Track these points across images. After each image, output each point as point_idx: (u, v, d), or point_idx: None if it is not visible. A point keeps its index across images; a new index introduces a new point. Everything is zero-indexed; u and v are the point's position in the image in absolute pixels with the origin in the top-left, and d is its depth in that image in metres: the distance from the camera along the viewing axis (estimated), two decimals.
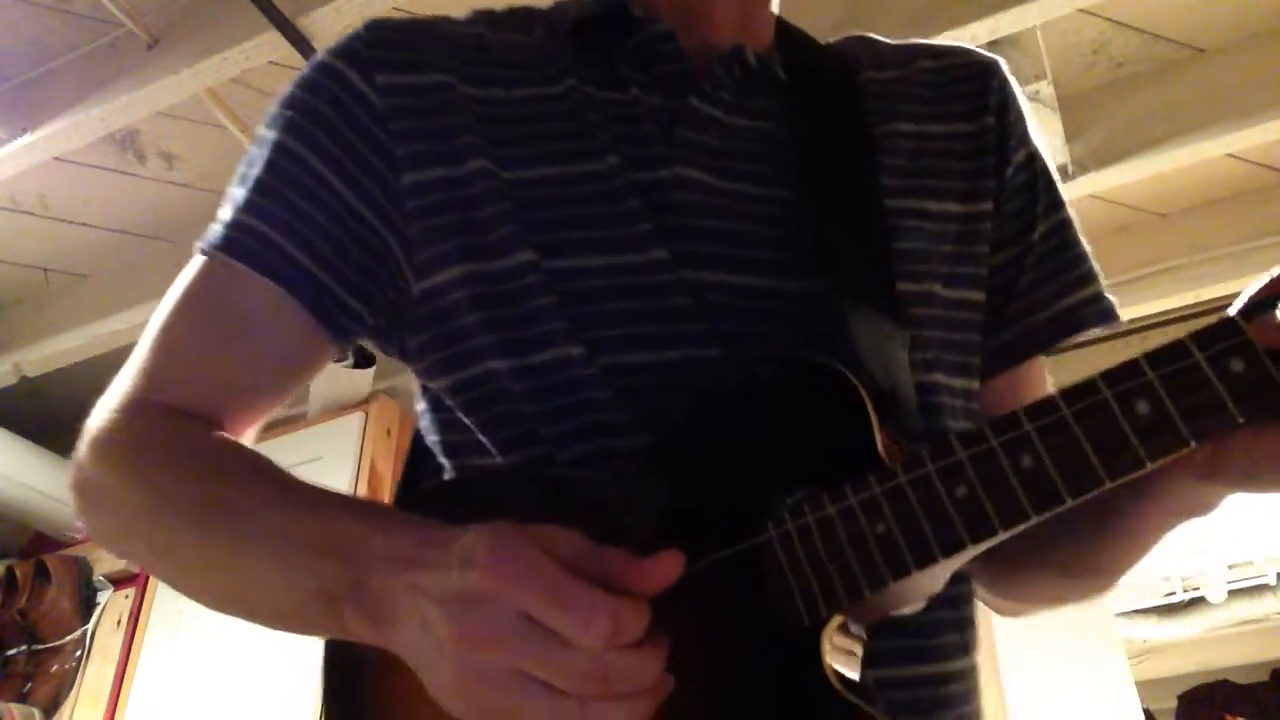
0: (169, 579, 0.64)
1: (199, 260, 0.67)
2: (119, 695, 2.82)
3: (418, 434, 0.73)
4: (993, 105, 0.75)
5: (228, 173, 0.70)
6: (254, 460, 0.61)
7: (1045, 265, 0.72)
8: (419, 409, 0.72)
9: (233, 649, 2.51)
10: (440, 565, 0.46)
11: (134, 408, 0.63)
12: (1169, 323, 2.80)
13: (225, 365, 0.65)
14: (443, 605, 0.45)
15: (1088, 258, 0.74)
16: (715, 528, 0.52)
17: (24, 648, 3.08)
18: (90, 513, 0.63)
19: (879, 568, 0.48)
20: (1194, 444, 0.44)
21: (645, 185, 0.65)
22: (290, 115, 0.68)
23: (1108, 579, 0.67)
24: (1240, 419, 0.43)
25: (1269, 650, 5.42)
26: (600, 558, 0.46)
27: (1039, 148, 0.76)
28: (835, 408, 0.53)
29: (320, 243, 0.64)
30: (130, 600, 2.92)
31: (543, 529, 0.46)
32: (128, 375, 0.65)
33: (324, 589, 0.51)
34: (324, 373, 2.94)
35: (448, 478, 0.68)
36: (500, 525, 0.47)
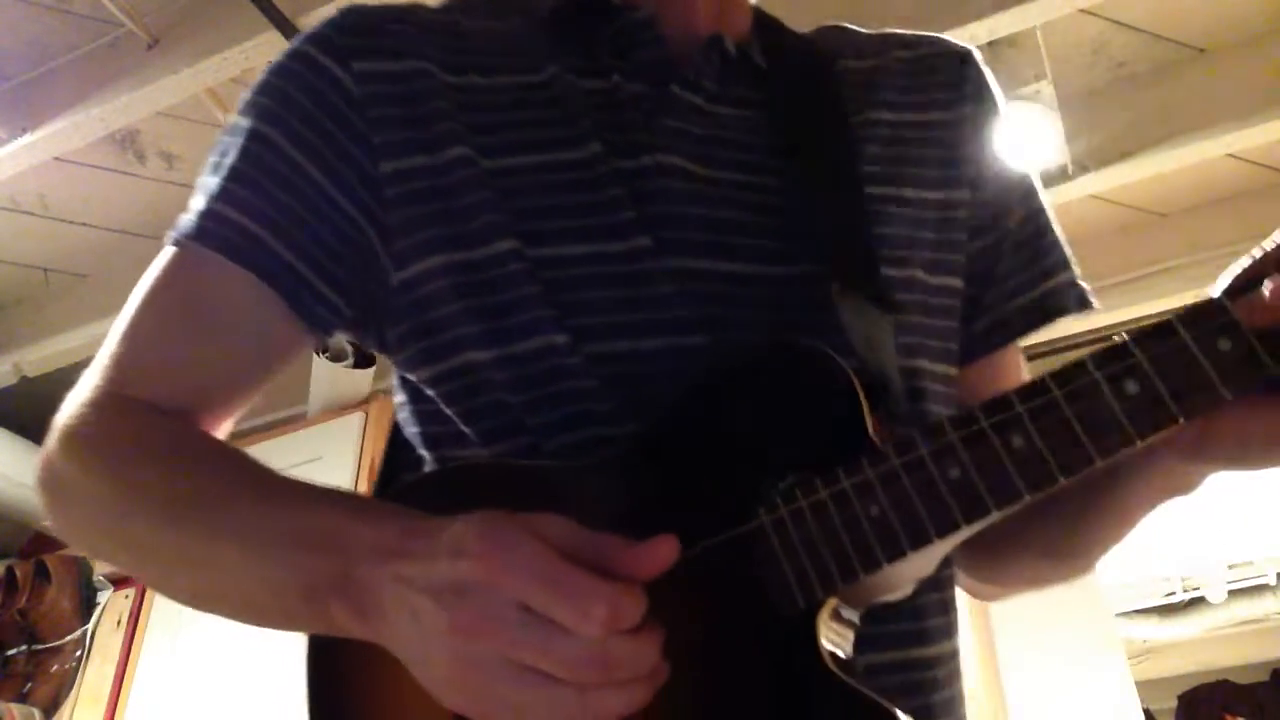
0: (144, 576, 0.63)
1: (170, 251, 0.66)
2: (119, 695, 2.82)
3: (396, 427, 0.72)
4: (968, 94, 0.75)
5: None
6: (230, 454, 0.60)
7: (1022, 252, 0.73)
8: (397, 401, 0.71)
9: (233, 649, 2.51)
10: (429, 555, 0.46)
11: (105, 402, 0.62)
12: None
13: (198, 358, 0.64)
14: (434, 595, 0.44)
15: (1062, 244, 0.75)
16: (707, 514, 0.52)
17: (24, 648, 3.08)
18: (59, 509, 0.61)
19: (873, 550, 0.48)
20: (1183, 422, 0.44)
21: (628, 173, 0.64)
22: (265, 102, 0.66)
23: (1089, 560, 0.67)
24: (1228, 396, 0.44)
25: (1269, 650, 5.43)
26: (595, 544, 0.45)
27: (1012, 136, 0.77)
28: (825, 392, 0.53)
29: (297, 232, 0.63)
30: (130, 600, 2.92)
31: (535, 516, 0.46)
32: (97, 369, 0.64)
33: (307, 583, 0.50)
34: (324, 373, 2.95)
35: (430, 469, 0.66)
36: (491, 513, 0.46)
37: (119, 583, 3.01)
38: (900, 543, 0.48)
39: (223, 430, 0.67)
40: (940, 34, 0.79)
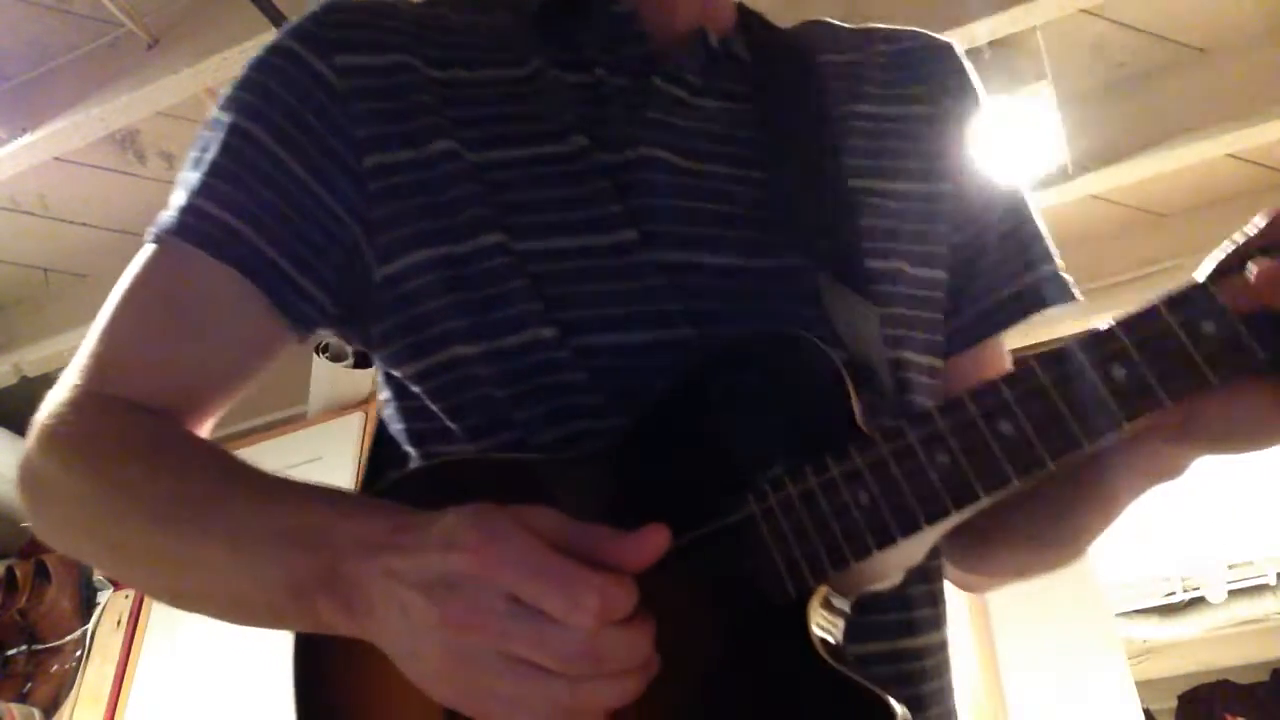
0: (126, 576, 0.62)
1: (150, 248, 0.65)
2: (119, 695, 2.82)
3: (381, 424, 0.71)
4: (950, 87, 0.76)
5: None
6: (213, 452, 0.60)
7: (1005, 244, 0.73)
8: (382, 398, 0.70)
9: (233, 649, 2.51)
10: (418, 549, 0.45)
11: (85, 401, 0.61)
12: None
13: (179, 356, 0.63)
14: (424, 589, 0.44)
15: (1044, 236, 0.75)
16: (697, 504, 0.52)
17: (24, 648, 3.08)
18: (40, 509, 0.60)
19: (863, 537, 0.48)
20: (1169, 406, 0.45)
21: (613, 166, 0.64)
22: (245, 97, 0.66)
23: (1077, 547, 0.67)
24: (1214, 380, 0.44)
25: (1269, 650, 5.43)
26: (585, 535, 0.45)
27: (992, 128, 0.77)
28: (813, 381, 0.53)
29: (279, 227, 0.62)
30: (130, 600, 2.92)
31: (525, 509, 0.45)
32: (77, 368, 0.63)
33: (294, 580, 0.50)
34: (324, 373, 2.95)
35: (416, 465, 0.66)
36: (480, 506, 0.46)
37: (119, 583, 3.01)
38: (890, 530, 0.48)
39: (206, 428, 0.66)
40: (940, 33, 0.80)
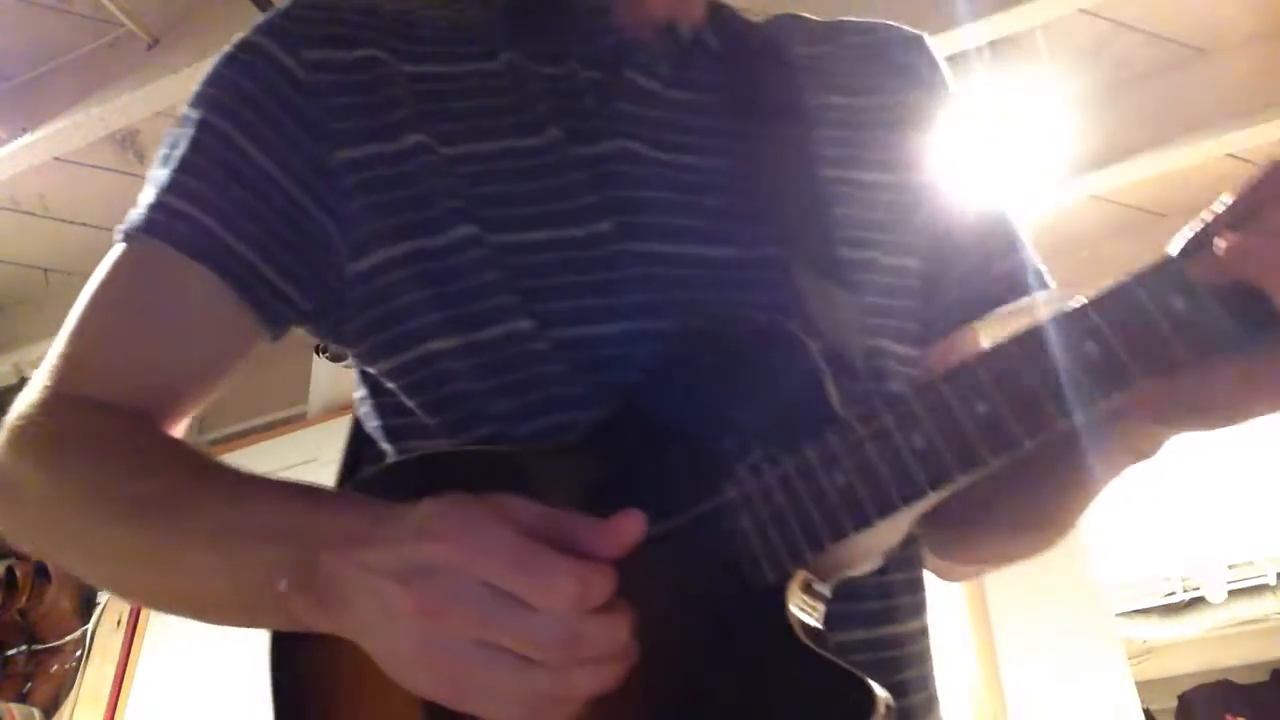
0: (98, 578, 0.61)
1: (119, 247, 0.64)
2: (119, 695, 2.82)
3: (357, 422, 0.71)
4: (920, 77, 0.77)
5: None
6: (185, 451, 0.59)
7: (980, 233, 0.74)
8: (358, 396, 0.70)
9: (232, 649, 2.51)
10: (392, 540, 0.45)
11: (55, 402, 0.61)
12: None
13: (150, 354, 0.63)
14: (399, 579, 0.44)
15: (1018, 224, 0.75)
16: (675, 492, 0.52)
17: (24, 648, 3.08)
18: (9, 510, 0.60)
19: (840, 520, 0.48)
20: (1142, 381, 0.45)
21: (587, 159, 0.64)
22: (214, 93, 0.65)
23: (1056, 530, 0.67)
24: (1185, 355, 0.44)
25: (1269, 650, 5.43)
26: (561, 523, 0.45)
27: (965, 118, 0.78)
28: (788, 367, 0.53)
29: (249, 223, 0.62)
30: None
31: (500, 497, 0.45)
32: (48, 369, 0.62)
33: (268, 576, 0.49)
34: (324, 373, 2.95)
35: (392, 461, 0.65)
36: (455, 496, 0.45)
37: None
38: (867, 512, 0.48)
39: (180, 427, 0.66)
40: (940, 33, 0.80)
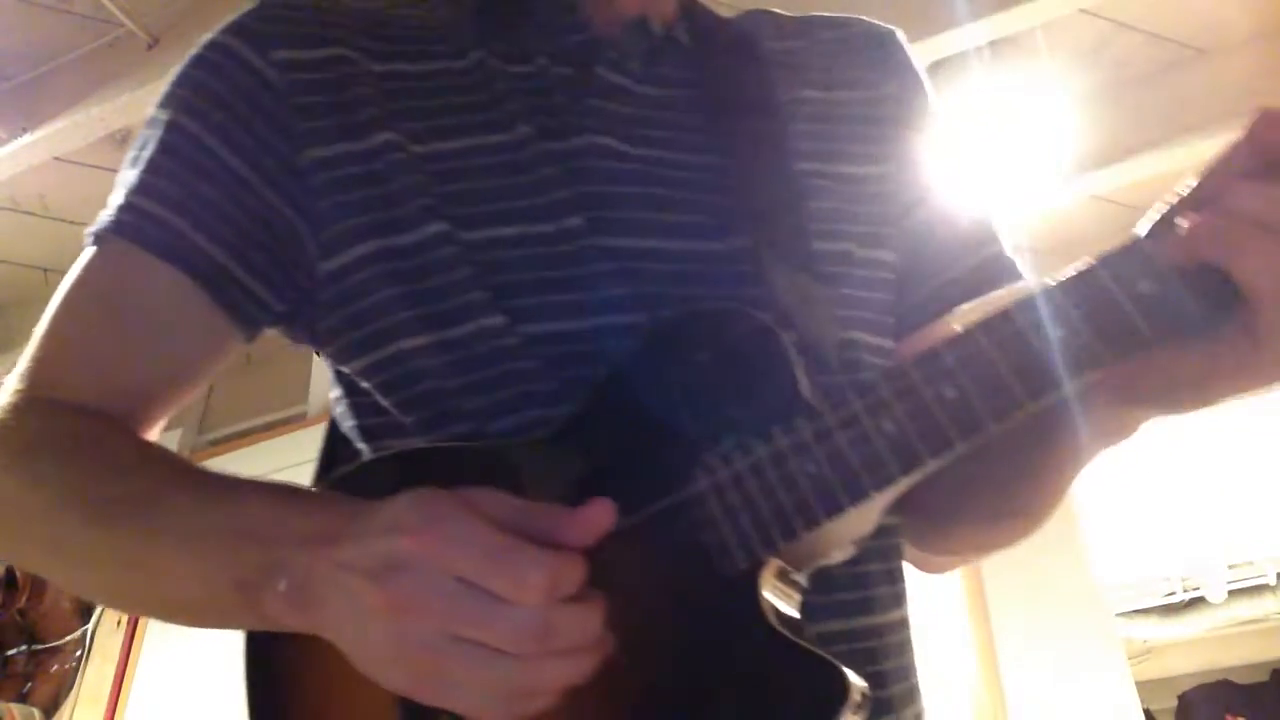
0: (71, 582, 0.61)
1: (90, 250, 0.64)
2: (119, 695, 2.82)
3: (333, 423, 0.71)
4: (893, 71, 0.77)
5: None
6: (157, 452, 0.59)
7: (953, 225, 0.74)
8: (333, 396, 0.70)
9: (232, 649, 2.51)
10: (363, 536, 0.45)
11: (27, 406, 0.60)
12: None
13: (122, 357, 0.62)
14: (369, 575, 0.44)
15: (990, 217, 0.75)
16: (647, 482, 0.52)
17: (24, 648, 3.08)
18: None
19: (812, 507, 0.48)
20: (1109, 364, 0.45)
21: (558, 154, 0.64)
22: (183, 94, 0.65)
23: (1034, 518, 0.67)
24: (1151, 337, 0.44)
25: (1269, 650, 5.43)
26: (530, 514, 0.45)
27: (937, 112, 0.78)
28: (758, 355, 0.53)
29: (219, 223, 0.62)
30: None
31: (470, 491, 0.45)
32: (19, 373, 0.62)
33: (241, 576, 0.49)
34: (324, 373, 2.94)
35: (366, 459, 0.65)
36: (424, 490, 0.45)
37: None
38: (838, 498, 0.48)
39: (155, 431, 0.65)
40: (939, 33, 0.80)
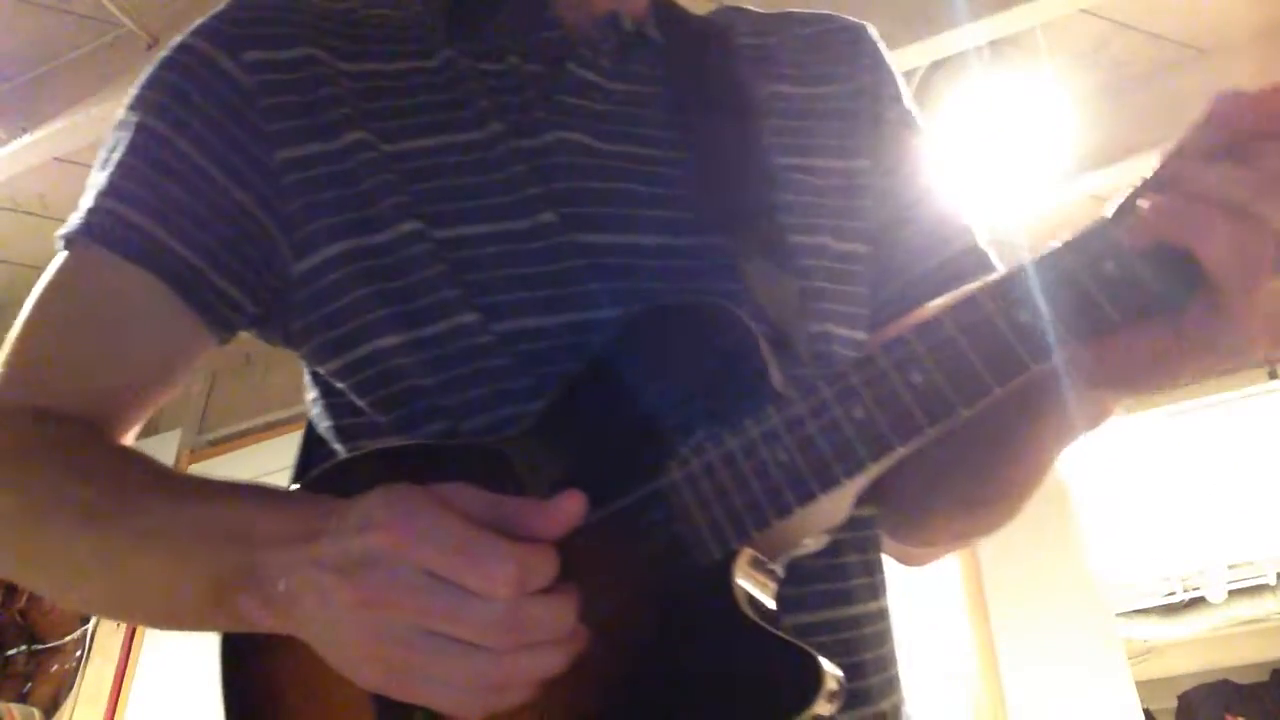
0: (45, 587, 0.61)
1: (61, 254, 0.64)
2: (119, 695, 2.82)
3: (310, 424, 0.71)
4: (865, 66, 0.77)
5: None
6: (131, 457, 0.59)
7: (925, 219, 0.74)
8: (309, 397, 0.69)
9: None
10: (336, 533, 0.45)
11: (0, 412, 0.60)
12: None
13: (94, 361, 0.62)
14: (340, 571, 0.44)
15: (963, 210, 0.75)
16: (620, 475, 0.52)
17: (24, 648, 3.08)
18: None
19: (783, 495, 0.48)
20: (1076, 346, 0.45)
21: (529, 151, 0.64)
22: (152, 96, 0.65)
23: (1009, 506, 0.66)
24: (1115, 318, 0.44)
25: (1269, 650, 5.42)
26: (501, 507, 0.45)
27: (911, 106, 0.78)
28: (729, 347, 0.53)
29: (190, 225, 0.61)
30: None
31: (441, 485, 0.45)
32: None
33: (214, 578, 0.49)
34: None
35: (341, 458, 0.65)
36: (395, 486, 0.46)
37: None
38: (809, 486, 0.48)
39: (130, 435, 0.65)
40: (940, 33, 0.80)
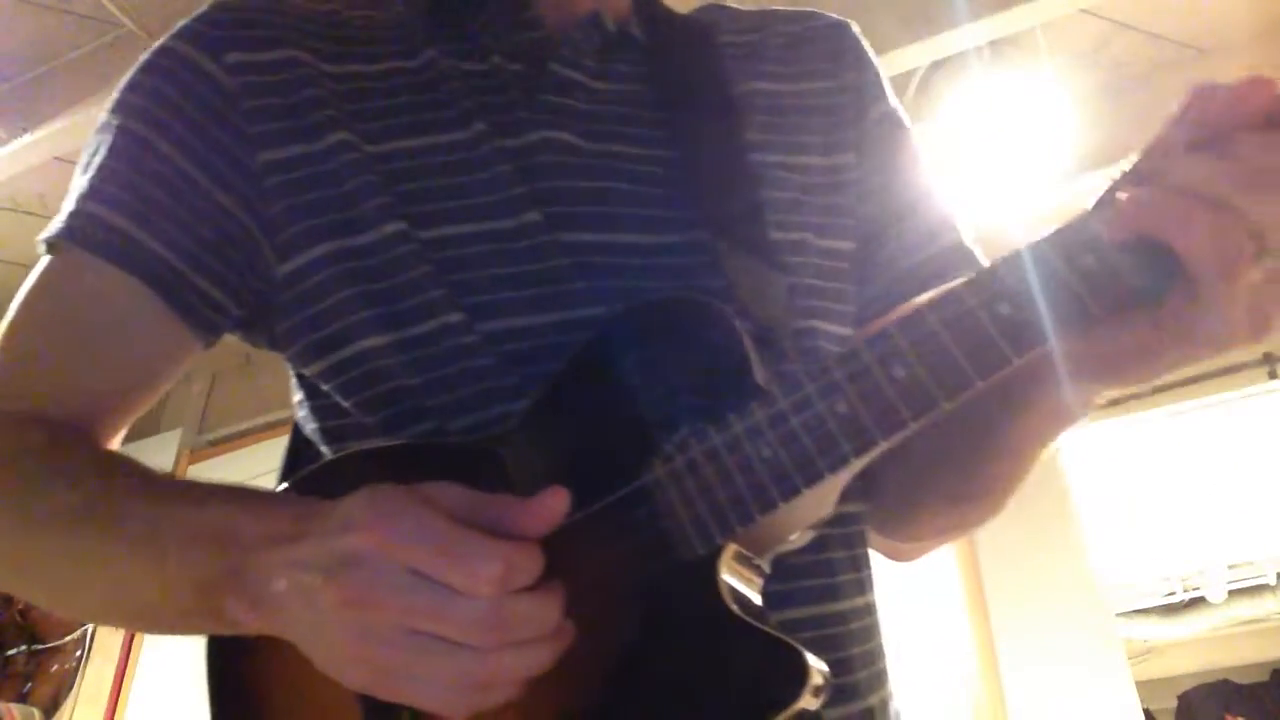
0: (30, 593, 0.61)
1: (44, 258, 0.64)
2: (119, 695, 2.82)
3: (296, 426, 0.71)
4: (848, 63, 0.77)
5: None
6: (116, 461, 0.59)
7: (908, 216, 0.74)
8: (296, 400, 0.69)
9: None
10: (319, 534, 0.45)
11: None
12: None
13: (77, 366, 0.61)
14: (324, 572, 0.43)
15: (947, 206, 0.75)
16: (604, 474, 0.52)
17: (24, 648, 3.08)
18: None
19: (768, 490, 0.48)
20: (1056, 340, 0.45)
21: (513, 151, 0.64)
22: (133, 99, 0.65)
23: (995, 501, 0.66)
24: (1096, 311, 0.44)
25: (1269, 650, 5.42)
26: (485, 505, 0.45)
27: (894, 103, 0.78)
28: (712, 342, 0.53)
29: (173, 228, 0.61)
30: None
31: (424, 485, 0.45)
32: None
33: (199, 580, 0.49)
34: None
35: (326, 460, 0.65)
36: (378, 486, 0.46)
37: None
38: (793, 481, 0.48)
39: (116, 439, 0.65)
40: (940, 33, 0.80)
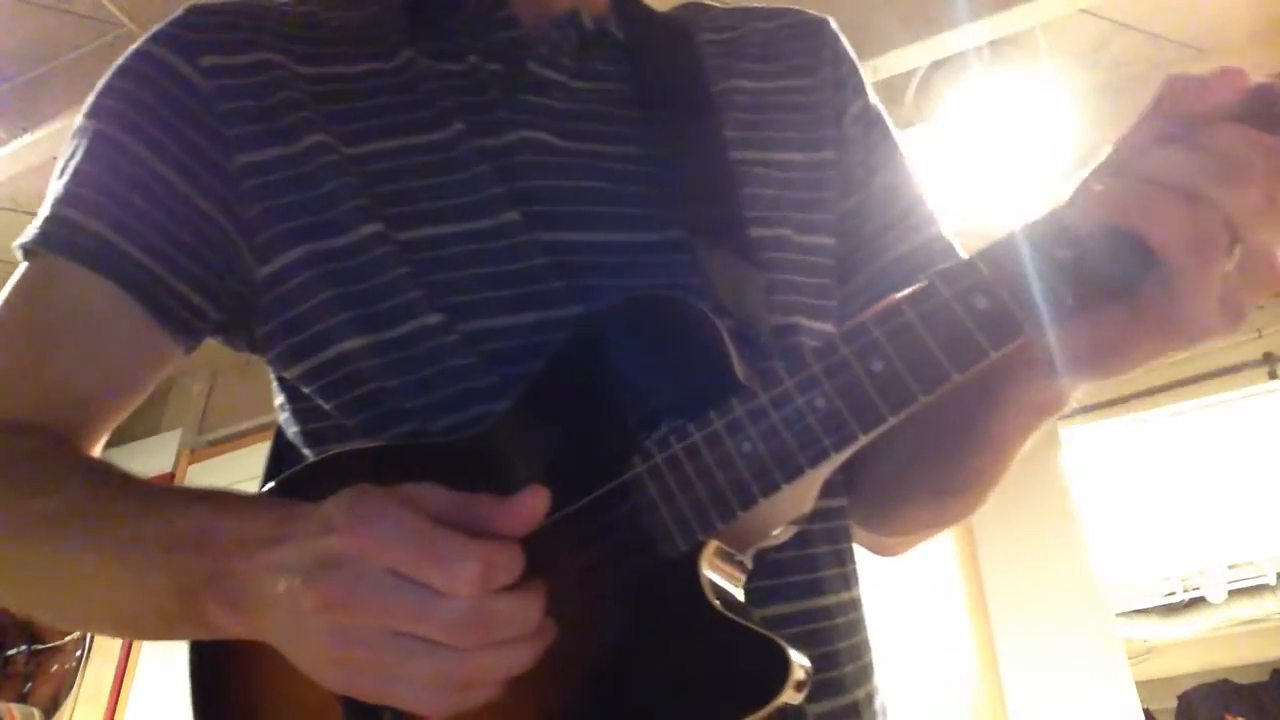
0: (12, 600, 0.60)
1: (22, 264, 0.63)
2: (119, 695, 2.82)
3: (279, 430, 0.70)
4: (826, 59, 0.77)
5: None
6: (95, 466, 0.59)
7: (888, 211, 0.74)
8: (277, 403, 0.69)
9: None
10: (298, 537, 0.45)
11: None
12: None
13: (56, 372, 0.61)
14: (304, 574, 0.43)
15: (926, 201, 0.75)
16: (585, 472, 0.52)
17: (24, 648, 3.08)
18: None
19: (748, 486, 0.49)
20: (1032, 331, 0.45)
21: (492, 151, 0.64)
22: (109, 103, 0.65)
23: (978, 494, 0.66)
24: (1071, 302, 0.45)
25: (1269, 650, 5.42)
26: (465, 505, 0.45)
27: (873, 99, 0.79)
28: (691, 339, 0.53)
29: (150, 232, 0.61)
30: None
31: (404, 486, 0.45)
32: None
33: (180, 584, 0.49)
34: None
35: (306, 463, 0.64)
36: (358, 487, 0.45)
37: None
38: (774, 476, 0.48)
39: (97, 446, 0.64)
40: (939, 33, 0.80)
